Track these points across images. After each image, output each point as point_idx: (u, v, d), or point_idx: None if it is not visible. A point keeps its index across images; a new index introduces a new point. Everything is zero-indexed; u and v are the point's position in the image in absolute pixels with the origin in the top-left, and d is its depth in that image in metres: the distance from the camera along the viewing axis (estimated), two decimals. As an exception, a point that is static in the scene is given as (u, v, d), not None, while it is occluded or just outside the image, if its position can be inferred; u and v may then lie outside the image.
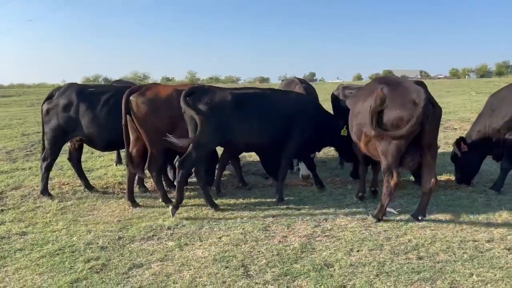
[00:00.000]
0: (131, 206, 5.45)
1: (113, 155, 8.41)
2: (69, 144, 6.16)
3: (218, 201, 5.53)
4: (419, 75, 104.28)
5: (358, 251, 3.94)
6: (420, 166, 4.61)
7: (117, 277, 3.57)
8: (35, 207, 5.52)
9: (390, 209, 4.90)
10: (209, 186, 5.83)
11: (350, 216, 4.88)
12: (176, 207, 5.07)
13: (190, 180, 6.53)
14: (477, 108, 13.09)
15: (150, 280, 3.50)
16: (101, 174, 7.35)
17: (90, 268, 3.72)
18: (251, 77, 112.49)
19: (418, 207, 4.73)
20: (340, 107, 6.79)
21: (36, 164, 7.66)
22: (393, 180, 4.47)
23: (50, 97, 5.95)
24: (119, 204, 5.63)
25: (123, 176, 6.90)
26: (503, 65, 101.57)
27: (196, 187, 6.18)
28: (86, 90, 5.89)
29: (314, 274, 3.51)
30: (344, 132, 5.57)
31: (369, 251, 3.93)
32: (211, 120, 4.98)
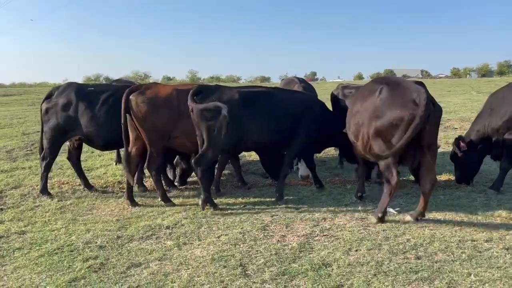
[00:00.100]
0: (130, 205, 5.46)
1: (113, 155, 8.42)
2: (68, 143, 6.18)
3: (217, 200, 5.53)
4: (420, 75, 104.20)
5: (356, 250, 3.94)
6: (420, 166, 4.60)
7: (115, 276, 3.58)
8: (35, 206, 5.53)
9: (389, 209, 4.90)
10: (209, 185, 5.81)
11: (349, 216, 4.88)
12: (209, 198, 5.21)
13: (190, 180, 6.53)
14: (477, 108, 13.02)
15: (148, 279, 3.50)
16: (100, 173, 7.36)
17: (88, 267, 3.73)
18: (252, 76, 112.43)
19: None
20: (340, 107, 6.78)
21: (36, 163, 7.67)
22: (393, 179, 4.46)
23: (49, 96, 5.96)
24: (118, 203, 5.64)
25: (122, 175, 6.90)
26: (504, 64, 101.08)
27: (196, 186, 6.19)
28: (85, 89, 5.90)
29: (312, 273, 3.50)
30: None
31: (368, 250, 3.92)
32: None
